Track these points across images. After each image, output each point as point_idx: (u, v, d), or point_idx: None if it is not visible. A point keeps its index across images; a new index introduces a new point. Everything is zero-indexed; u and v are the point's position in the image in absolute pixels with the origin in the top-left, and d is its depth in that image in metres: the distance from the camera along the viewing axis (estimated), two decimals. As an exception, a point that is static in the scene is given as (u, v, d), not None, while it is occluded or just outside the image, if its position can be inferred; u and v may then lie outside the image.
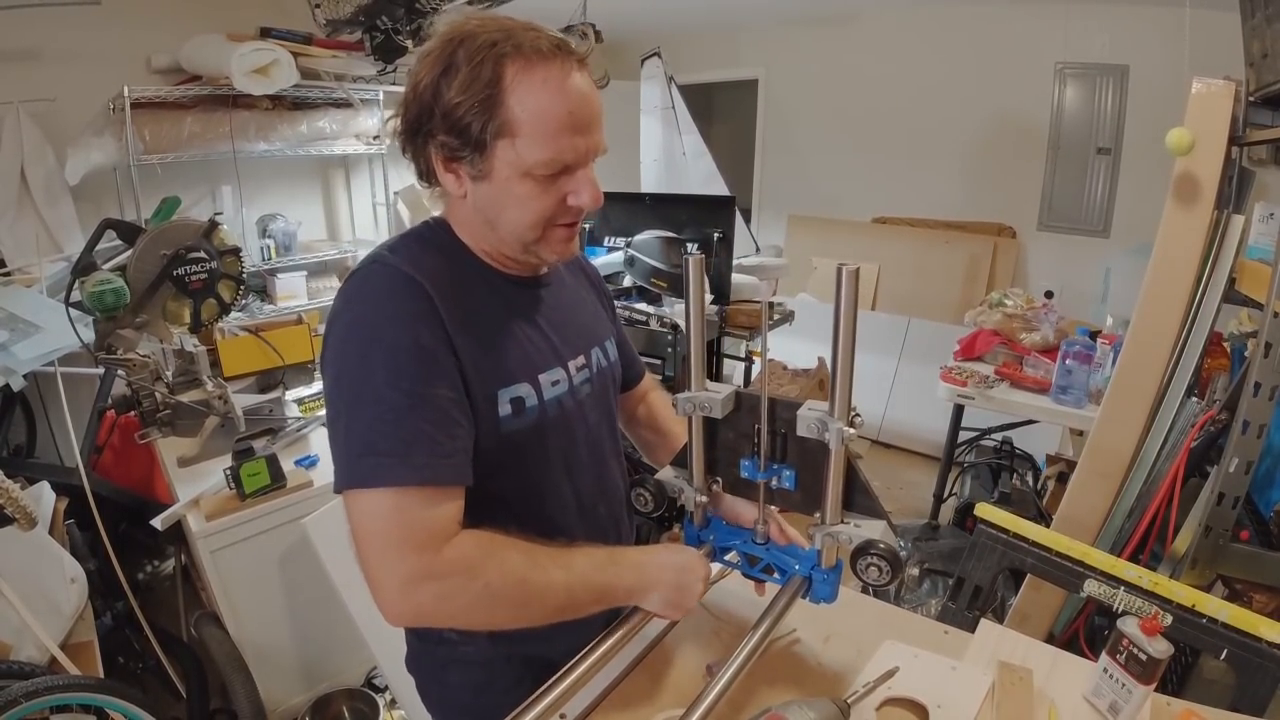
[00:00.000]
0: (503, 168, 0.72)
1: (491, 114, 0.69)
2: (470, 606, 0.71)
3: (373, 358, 0.70)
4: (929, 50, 3.78)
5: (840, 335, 0.72)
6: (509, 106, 0.69)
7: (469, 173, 0.74)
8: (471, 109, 0.69)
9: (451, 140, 0.71)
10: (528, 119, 0.70)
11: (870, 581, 0.79)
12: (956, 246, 3.89)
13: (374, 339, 0.71)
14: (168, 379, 2.05)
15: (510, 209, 0.75)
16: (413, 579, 0.69)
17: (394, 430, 0.69)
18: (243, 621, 1.80)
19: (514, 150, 0.71)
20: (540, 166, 0.72)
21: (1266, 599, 1.38)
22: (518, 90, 0.69)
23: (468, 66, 0.69)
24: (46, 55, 2.70)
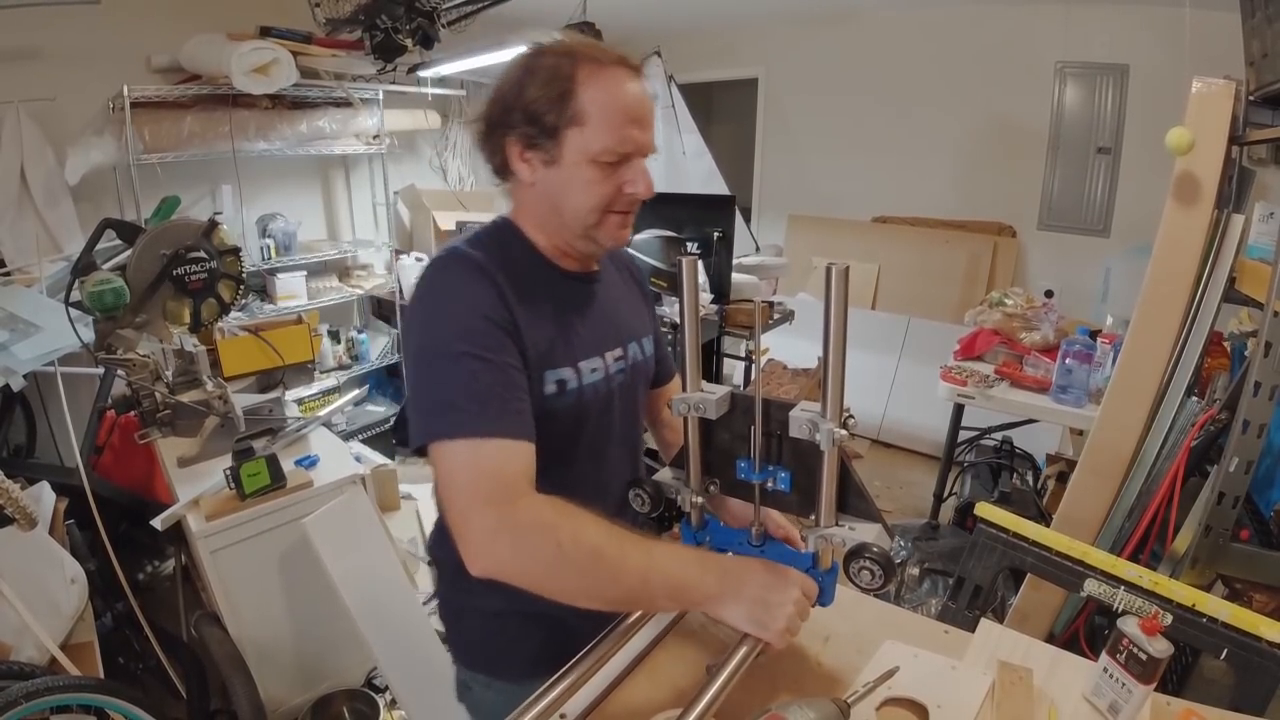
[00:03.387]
0: (571, 153, 0.83)
1: (564, 106, 0.81)
2: (543, 566, 0.74)
3: (451, 330, 0.80)
4: (929, 50, 3.78)
5: (831, 335, 0.72)
6: (579, 99, 0.81)
7: (541, 159, 0.85)
8: (548, 101, 0.81)
9: (529, 129, 0.83)
10: (595, 111, 0.81)
11: (863, 585, 0.79)
12: (956, 246, 3.89)
13: (452, 314, 0.81)
14: (168, 379, 2.05)
15: (575, 193, 0.86)
16: (492, 531, 0.74)
17: (470, 389, 0.78)
18: (243, 621, 1.80)
19: (582, 137, 0.82)
20: (604, 153, 0.83)
21: (1266, 599, 1.38)
22: (587, 88, 0.81)
23: (545, 69, 0.82)
24: (46, 55, 2.70)
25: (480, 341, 0.79)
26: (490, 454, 0.76)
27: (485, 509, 0.74)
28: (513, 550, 0.74)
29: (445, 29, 2.70)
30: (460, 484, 0.76)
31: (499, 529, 0.74)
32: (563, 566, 0.74)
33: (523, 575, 0.75)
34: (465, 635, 1.05)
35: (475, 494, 0.75)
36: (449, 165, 4.27)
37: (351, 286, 3.76)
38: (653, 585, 0.77)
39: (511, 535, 0.74)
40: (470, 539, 0.74)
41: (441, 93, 3.93)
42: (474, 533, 0.74)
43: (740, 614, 0.78)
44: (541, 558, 0.74)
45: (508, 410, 0.78)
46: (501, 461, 0.76)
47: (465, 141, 4.29)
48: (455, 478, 0.76)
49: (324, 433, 2.15)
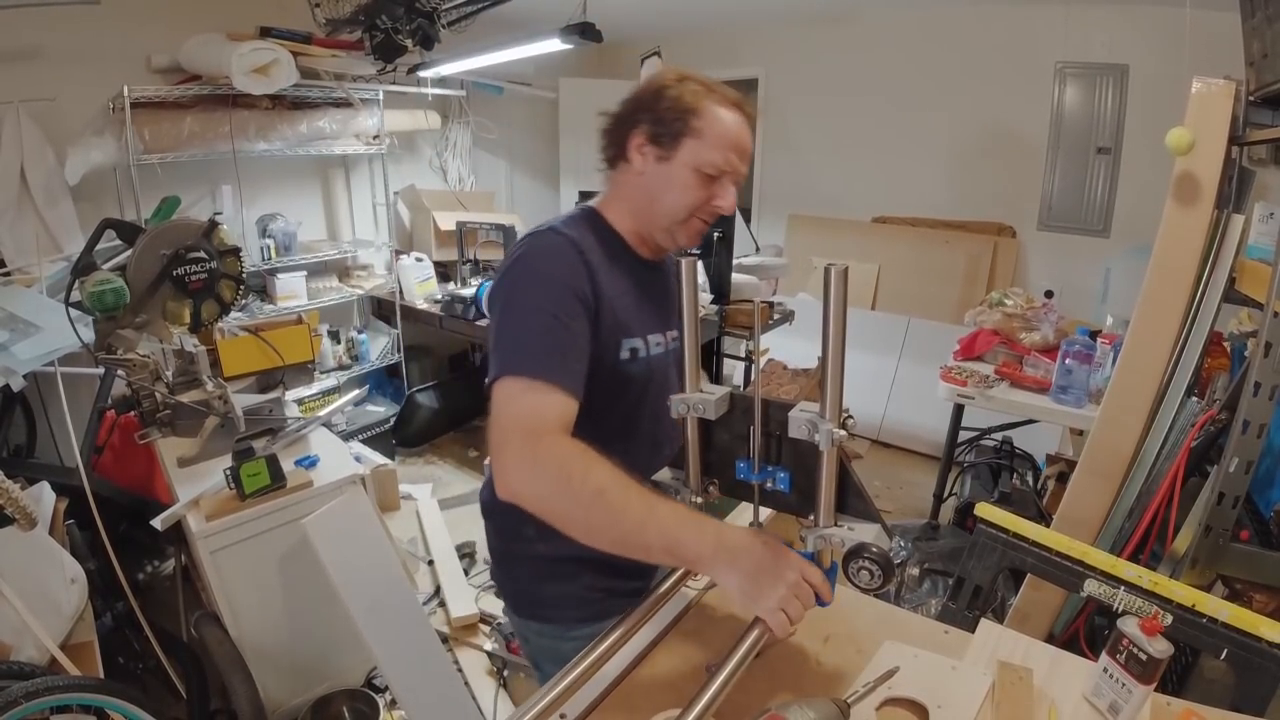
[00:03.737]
0: (683, 156, 0.98)
1: (690, 119, 0.97)
2: (553, 495, 0.82)
3: (536, 291, 0.92)
4: (929, 50, 3.78)
5: (830, 336, 0.72)
6: (702, 120, 0.97)
7: (656, 154, 0.99)
8: (678, 112, 0.97)
9: (656, 128, 0.98)
10: (711, 132, 0.98)
11: (862, 585, 0.79)
12: (956, 246, 3.89)
13: (539, 280, 0.93)
14: (168, 379, 2.05)
15: (674, 191, 1.00)
16: (518, 458, 0.83)
17: (539, 341, 0.89)
18: (243, 621, 1.80)
19: (695, 148, 0.97)
20: (708, 165, 0.98)
21: (1266, 599, 1.38)
22: (710, 114, 0.98)
23: (682, 90, 0.98)
24: (46, 55, 2.70)
25: (559, 306, 0.91)
26: (538, 395, 0.86)
27: (519, 439, 0.83)
28: (531, 477, 0.82)
29: (445, 29, 2.70)
30: (506, 415, 0.86)
31: (524, 457, 0.83)
32: (569, 499, 0.81)
33: (536, 501, 0.83)
34: (517, 584, 1.15)
35: (515, 425, 0.85)
36: (449, 165, 4.27)
37: (351, 286, 3.76)
38: (649, 534, 0.80)
39: (533, 464, 0.82)
40: (501, 463, 0.84)
41: (441, 93, 3.93)
42: (505, 458, 0.84)
43: (731, 582, 0.80)
44: (553, 488, 0.82)
45: (564, 366, 0.88)
46: (545, 404, 0.86)
47: (465, 141, 4.29)
48: (504, 409, 0.86)
49: (324, 433, 2.16)
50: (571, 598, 1.10)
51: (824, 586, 0.80)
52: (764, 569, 0.78)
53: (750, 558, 0.79)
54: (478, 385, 3.40)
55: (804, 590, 0.79)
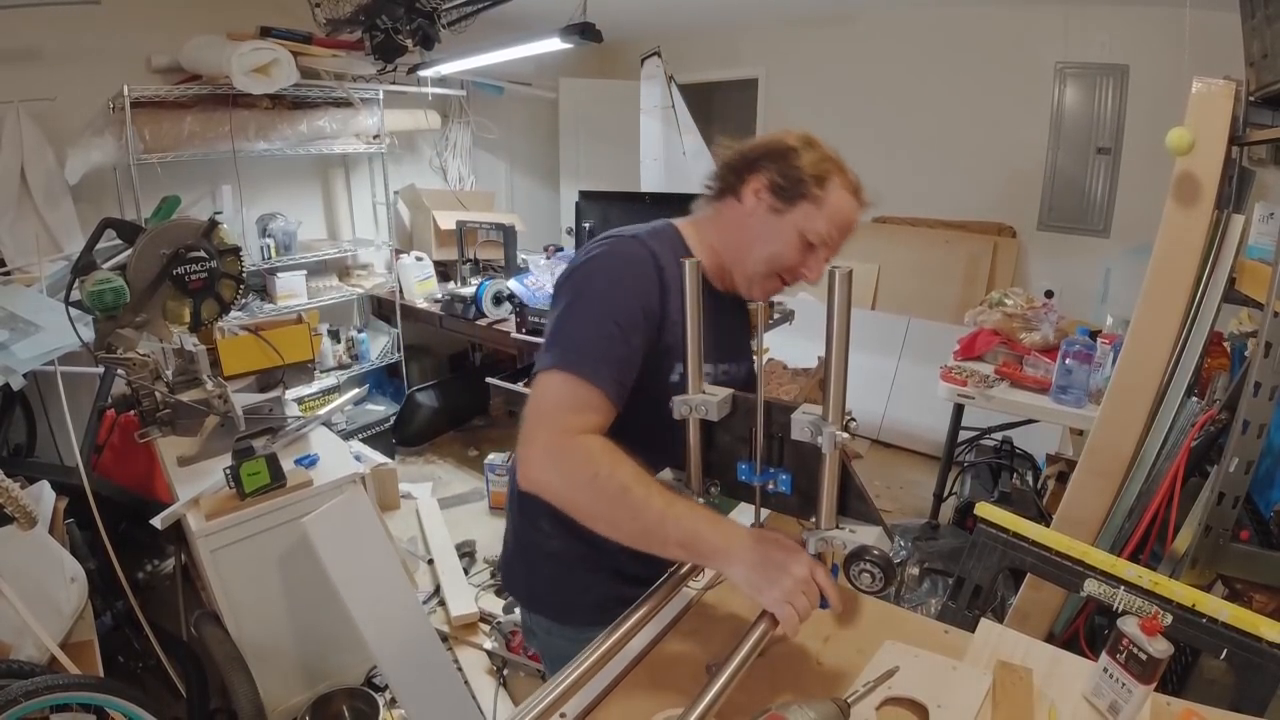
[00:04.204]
0: (795, 215, 1.00)
1: (814, 187, 1.00)
2: (577, 488, 0.85)
3: (605, 295, 0.94)
4: (929, 50, 3.78)
5: (834, 338, 0.72)
6: (826, 192, 1.00)
7: (770, 204, 1.00)
8: (807, 175, 1.00)
9: (781, 179, 1.00)
10: (829, 206, 1.00)
11: (863, 588, 0.79)
12: (956, 246, 3.89)
13: (611, 285, 0.95)
14: (168, 378, 2.05)
15: (773, 244, 1.01)
16: (546, 449, 0.86)
17: (594, 344, 0.91)
18: (243, 621, 1.80)
19: (808, 213, 1.00)
20: (813, 233, 1.00)
21: (1266, 599, 1.38)
22: (834, 190, 1.01)
23: (818, 158, 1.01)
24: (46, 55, 2.70)
25: (623, 316, 0.93)
26: (579, 393, 0.88)
27: (551, 432, 0.86)
28: (556, 469, 0.86)
29: (445, 29, 2.70)
30: (543, 406, 0.89)
31: (552, 449, 0.86)
32: (593, 493, 0.84)
33: (559, 493, 0.86)
34: (533, 579, 1.18)
35: (549, 417, 0.88)
36: (449, 165, 4.27)
37: (351, 286, 3.76)
38: (667, 528, 0.83)
39: (560, 456, 0.85)
40: (528, 452, 0.87)
41: (441, 93, 3.93)
42: (533, 448, 0.87)
43: (739, 574, 0.81)
44: (578, 481, 0.85)
45: (612, 375, 0.90)
46: (584, 403, 0.88)
47: (465, 141, 4.29)
48: (542, 400, 0.89)
49: (324, 432, 2.16)
50: (582, 600, 1.12)
51: (832, 589, 0.81)
52: (773, 562, 0.80)
53: (761, 551, 0.81)
54: (478, 385, 3.42)
55: (811, 588, 0.79)
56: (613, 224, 3.43)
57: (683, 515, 0.84)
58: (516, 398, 2.98)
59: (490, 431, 4.09)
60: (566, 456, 0.85)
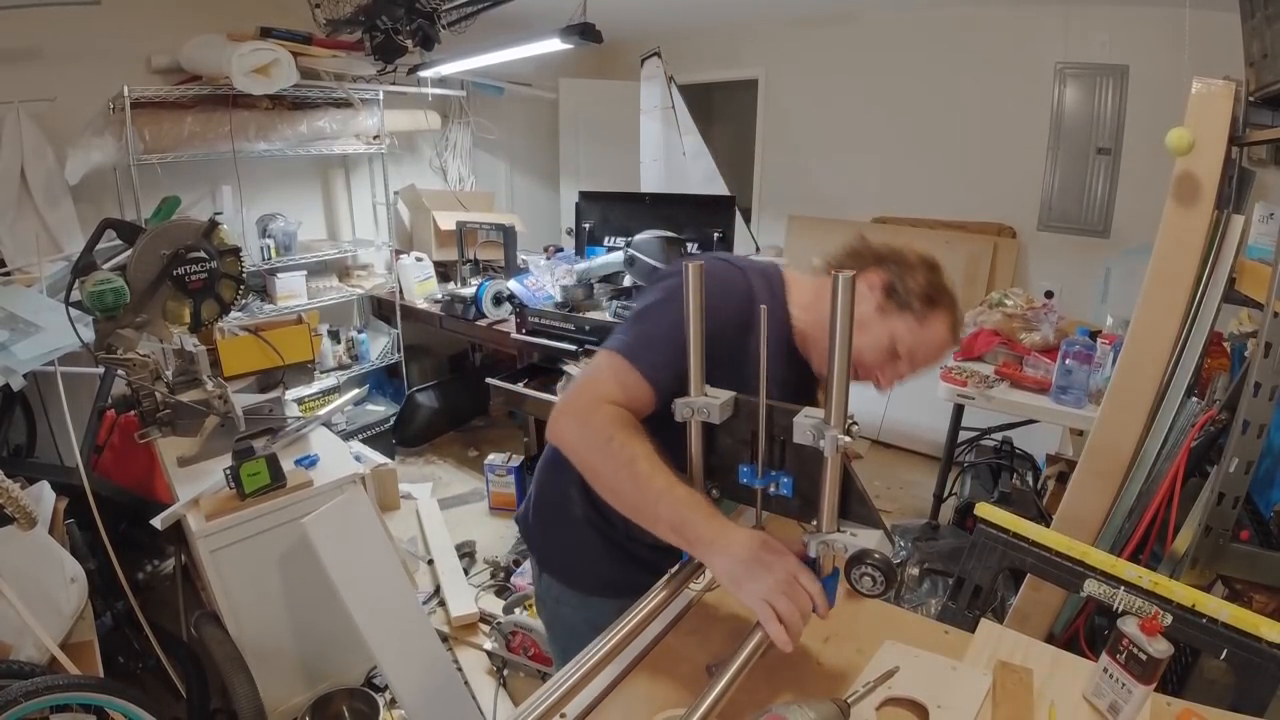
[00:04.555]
0: (893, 321, 1.04)
1: (923, 305, 1.03)
2: (590, 449, 0.92)
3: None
4: (929, 50, 3.78)
5: (836, 343, 0.72)
6: (930, 314, 1.04)
7: (878, 301, 1.04)
8: (923, 292, 1.04)
9: (897, 286, 1.04)
10: (927, 327, 1.04)
11: (864, 591, 0.79)
12: (956, 246, 3.88)
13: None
14: (168, 379, 2.05)
15: (861, 337, 1.00)
16: (577, 409, 0.94)
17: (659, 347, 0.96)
18: (243, 621, 1.80)
19: (907, 325, 1.03)
20: (901, 343, 1.04)
21: (1266, 599, 1.38)
22: (938, 317, 1.05)
23: (938, 284, 1.06)
24: (46, 55, 2.70)
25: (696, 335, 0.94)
26: (631, 379, 0.94)
27: (590, 398, 0.93)
28: (579, 426, 0.93)
29: (445, 30, 2.70)
30: (594, 377, 0.96)
31: (582, 409, 0.93)
32: (604, 455, 0.90)
33: (575, 446, 0.93)
34: (548, 539, 1.25)
35: (595, 386, 0.95)
36: (449, 165, 4.27)
37: (351, 286, 3.76)
38: (662, 507, 0.86)
39: (587, 416, 0.92)
40: (562, 407, 0.96)
41: (442, 93, 3.93)
42: (569, 404, 0.96)
43: (721, 566, 0.83)
44: (594, 441, 0.91)
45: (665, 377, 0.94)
46: (632, 388, 0.94)
47: (465, 142, 4.29)
48: (597, 373, 0.97)
49: (324, 432, 2.16)
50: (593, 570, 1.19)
51: (819, 593, 0.80)
52: (757, 559, 0.81)
53: (746, 548, 0.82)
54: (478, 385, 3.42)
55: (795, 589, 0.79)
56: (613, 225, 3.45)
57: (680, 499, 0.86)
58: (516, 398, 2.98)
59: (490, 432, 4.09)
60: (592, 417, 0.91)
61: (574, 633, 1.19)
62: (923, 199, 3.99)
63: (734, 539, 0.83)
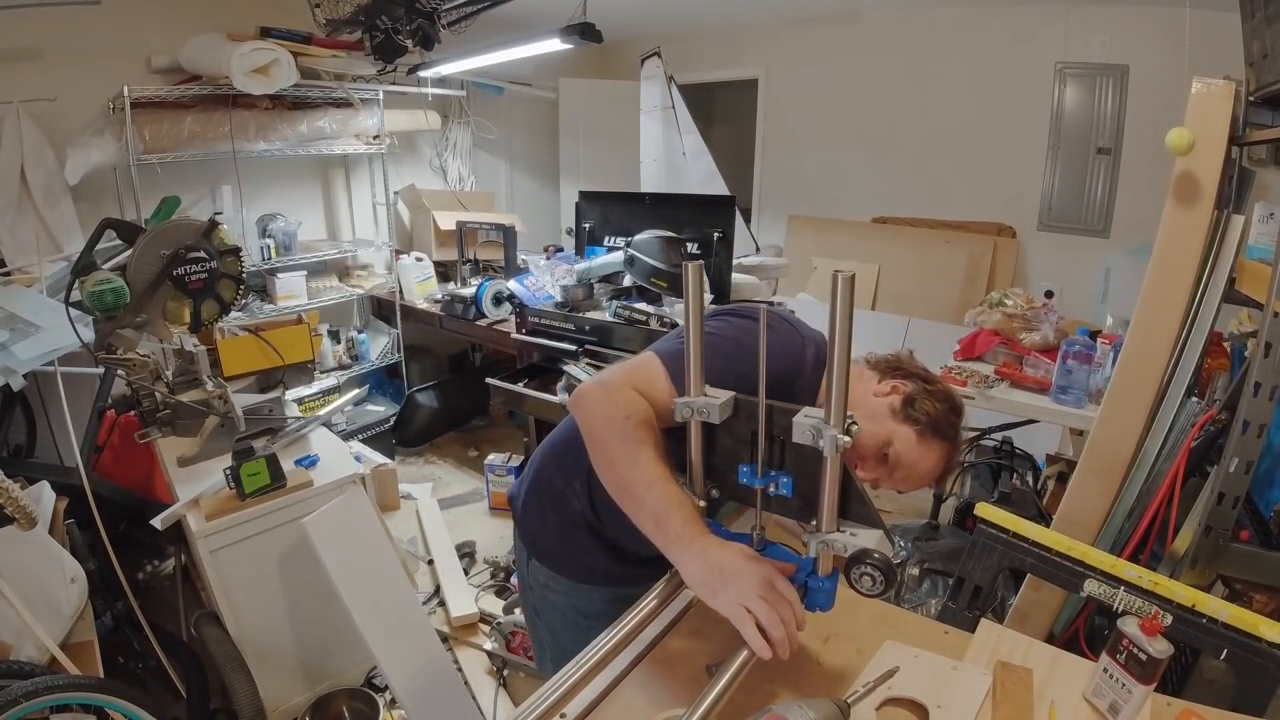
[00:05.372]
0: (896, 426, 1.06)
1: (923, 423, 1.05)
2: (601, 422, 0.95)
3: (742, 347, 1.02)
4: (929, 50, 3.78)
5: (836, 342, 0.72)
6: (927, 435, 1.05)
7: (892, 403, 1.07)
8: (930, 415, 1.05)
9: (909, 394, 1.07)
10: (924, 446, 1.06)
11: (864, 591, 0.79)
12: (956, 246, 3.88)
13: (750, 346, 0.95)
14: (168, 379, 2.05)
15: (864, 422, 1.00)
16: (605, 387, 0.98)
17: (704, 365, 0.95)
18: (243, 621, 1.80)
19: (904, 437, 1.05)
20: (892, 449, 1.05)
21: (1266, 599, 1.38)
22: (932, 441, 1.06)
23: (950, 415, 1.07)
24: (46, 55, 2.70)
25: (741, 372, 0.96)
26: (664, 381, 0.99)
27: (621, 383, 0.98)
28: (600, 400, 0.97)
29: (445, 30, 2.70)
30: (631, 369, 1.02)
31: (613, 386, 0.98)
32: (610, 430, 0.94)
33: (592, 417, 0.97)
34: (543, 526, 1.26)
35: (630, 374, 1.00)
36: (449, 165, 4.27)
37: (351, 286, 3.76)
38: (650, 496, 0.88)
39: (611, 393, 0.97)
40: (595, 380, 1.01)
41: (442, 93, 3.93)
42: (600, 382, 1.00)
43: (693, 571, 0.83)
44: (609, 416, 0.95)
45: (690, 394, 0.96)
46: (660, 390, 0.98)
47: (465, 141, 4.29)
48: (634, 367, 1.03)
49: (324, 432, 2.16)
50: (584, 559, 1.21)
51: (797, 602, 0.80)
52: (730, 566, 0.81)
53: (722, 556, 0.82)
54: (478, 385, 3.42)
55: (773, 594, 0.78)
56: (613, 225, 3.44)
57: (670, 495, 0.87)
58: (516, 398, 2.98)
59: (490, 432, 4.09)
60: (618, 394, 0.96)
61: (564, 617, 1.25)
62: (923, 199, 3.99)
63: (711, 544, 0.83)
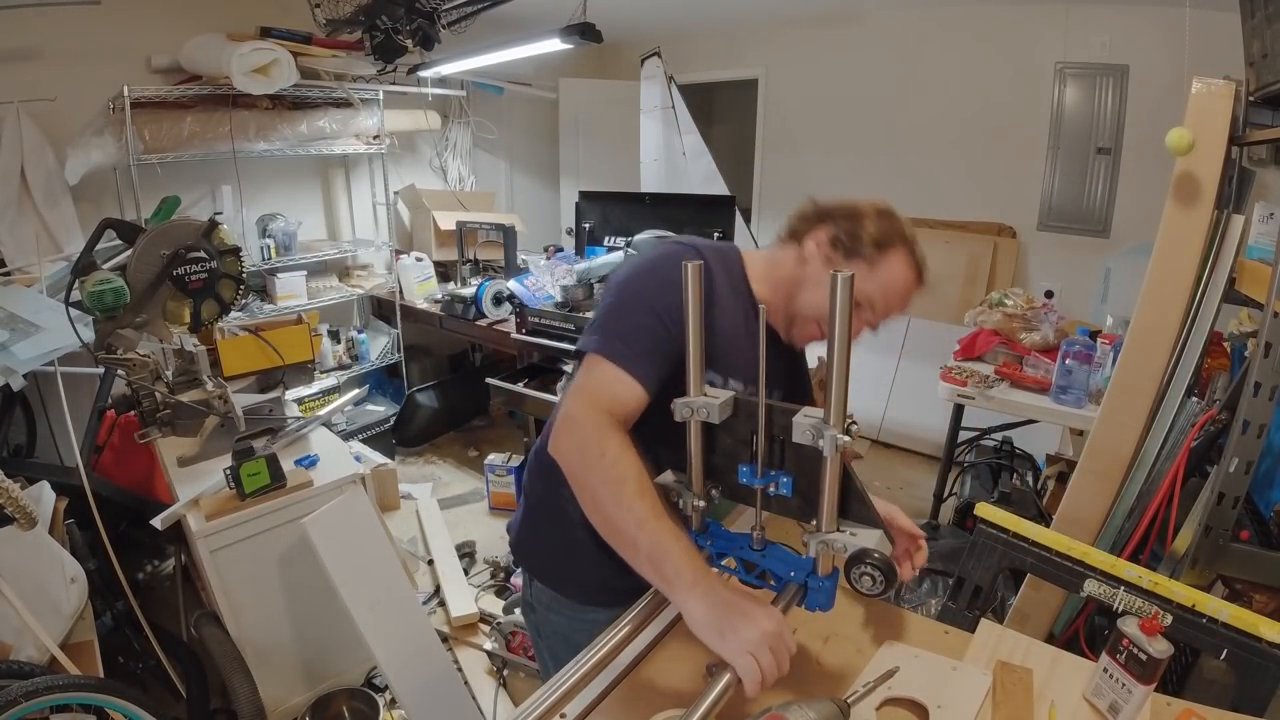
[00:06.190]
0: None
1: (877, 252, 1.02)
2: (581, 461, 0.90)
3: (654, 290, 0.98)
4: (929, 50, 3.78)
5: (835, 342, 0.72)
6: (888, 258, 1.03)
7: (826, 254, 1.04)
8: (872, 238, 1.02)
9: (846, 238, 1.03)
10: (881, 271, 1.03)
11: (864, 591, 0.79)
12: (956, 246, 3.88)
13: (660, 282, 0.98)
14: (168, 379, 2.05)
15: (819, 295, 1.02)
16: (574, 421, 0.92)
17: (638, 335, 0.96)
18: (243, 621, 1.80)
19: (864, 274, 0.99)
20: (861, 295, 1.00)
21: (1266, 599, 1.38)
22: (893, 260, 1.03)
23: (887, 226, 1.04)
24: (46, 55, 2.70)
25: (667, 311, 0.95)
26: (619, 380, 0.94)
27: (585, 408, 0.92)
28: (574, 438, 0.91)
29: (445, 30, 2.70)
30: (588, 387, 0.95)
31: (579, 421, 0.92)
32: (591, 471, 0.88)
33: (568, 457, 0.92)
34: (542, 547, 1.22)
35: (589, 396, 0.94)
36: (449, 165, 4.27)
37: (351, 286, 3.76)
38: (642, 536, 0.82)
39: (582, 429, 0.91)
40: (563, 420, 0.94)
41: (442, 93, 3.93)
42: (567, 417, 0.93)
43: (699, 612, 0.77)
44: (585, 454, 0.89)
45: (654, 369, 0.95)
46: (621, 390, 0.94)
47: (465, 141, 4.29)
48: (588, 383, 0.96)
49: (324, 432, 2.16)
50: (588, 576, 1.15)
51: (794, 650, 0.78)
52: (738, 608, 0.77)
53: (727, 595, 0.78)
54: (478, 385, 3.42)
55: (781, 644, 0.76)
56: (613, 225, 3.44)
57: (663, 531, 0.82)
58: (516, 398, 2.98)
59: (490, 432, 4.09)
60: (586, 432, 0.90)
61: (567, 640, 1.17)
62: (923, 199, 3.99)
63: (714, 583, 0.79)
